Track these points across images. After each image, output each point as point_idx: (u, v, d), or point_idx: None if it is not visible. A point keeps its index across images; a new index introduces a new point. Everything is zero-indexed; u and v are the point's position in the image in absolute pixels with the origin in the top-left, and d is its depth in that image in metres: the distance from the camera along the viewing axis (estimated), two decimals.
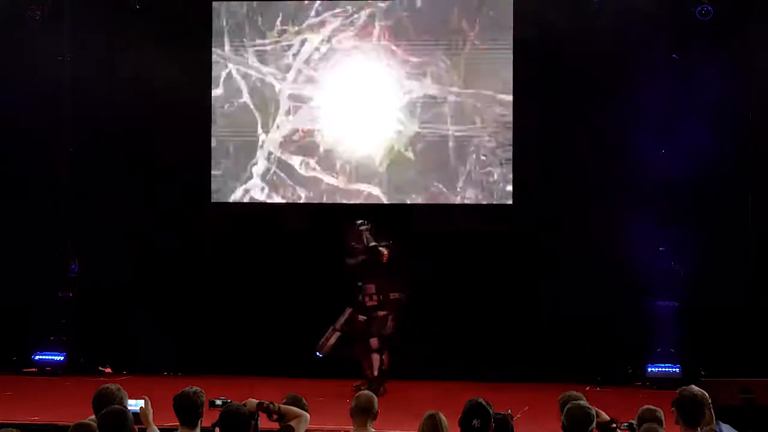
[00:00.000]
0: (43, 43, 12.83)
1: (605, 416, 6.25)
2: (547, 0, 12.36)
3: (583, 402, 5.97)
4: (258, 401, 6.25)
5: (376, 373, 11.41)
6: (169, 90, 12.69)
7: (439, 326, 12.46)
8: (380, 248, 11.34)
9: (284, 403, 6.38)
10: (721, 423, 6.18)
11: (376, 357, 11.42)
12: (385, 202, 12.78)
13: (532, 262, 12.53)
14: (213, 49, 13.08)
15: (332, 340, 11.58)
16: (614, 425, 6.25)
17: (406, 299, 11.56)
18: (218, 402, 6.31)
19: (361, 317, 11.52)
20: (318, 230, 12.76)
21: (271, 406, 6.25)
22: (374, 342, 11.41)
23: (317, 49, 12.95)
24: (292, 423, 6.26)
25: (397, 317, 11.51)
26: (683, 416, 6.11)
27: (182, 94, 12.82)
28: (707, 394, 6.20)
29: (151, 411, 6.26)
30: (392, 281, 11.49)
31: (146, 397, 6.32)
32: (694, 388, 6.23)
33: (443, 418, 5.99)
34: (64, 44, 13.03)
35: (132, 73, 12.76)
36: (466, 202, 12.71)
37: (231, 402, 6.23)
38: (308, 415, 6.39)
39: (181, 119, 12.87)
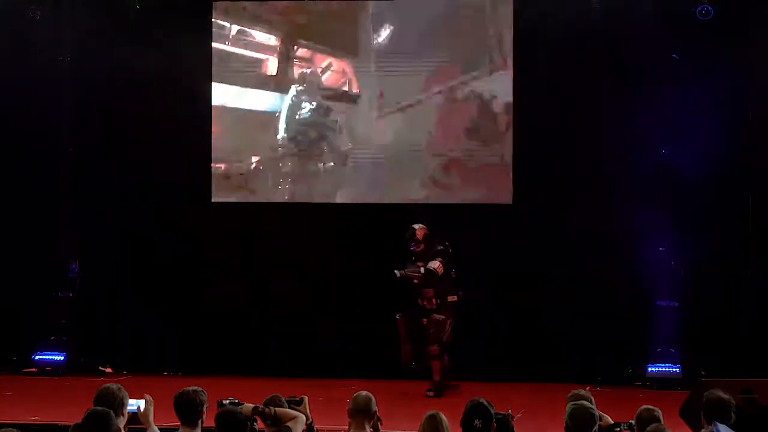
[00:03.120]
0: (43, 44, 12.82)
1: (609, 420, 6.28)
2: (547, 0, 12.37)
3: (587, 402, 5.97)
4: (254, 406, 6.26)
5: (438, 377, 11.36)
6: (169, 90, 12.70)
7: None
8: (432, 269, 11.25)
9: (264, 404, 6.37)
10: (718, 423, 6.21)
11: (436, 363, 11.35)
12: (385, 201, 12.78)
13: (532, 261, 12.52)
14: (213, 49, 13.08)
15: (409, 353, 11.50)
16: (617, 429, 6.28)
17: (462, 297, 11.48)
18: (226, 402, 6.31)
19: (424, 320, 11.45)
20: (318, 230, 12.76)
21: (267, 410, 6.26)
22: (434, 349, 11.33)
23: None
24: (289, 424, 6.27)
25: (455, 320, 11.44)
26: (708, 417, 6.30)
27: (182, 94, 12.82)
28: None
29: (152, 410, 6.24)
30: (448, 283, 11.43)
31: (148, 396, 6.29)
32: (720, 390, 6.41)
33: (444, 417, 5.99)
34: (64, 44, 13.03)
35: (132, 73, 12.75)
36: (466, 202, 12.71)
37: (239, 402, 6.24)
38: (304, 416, 6.39)
39: (181, 119, 12.87)
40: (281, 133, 13.00)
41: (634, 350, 12.19)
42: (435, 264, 11.32)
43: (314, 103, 12.95)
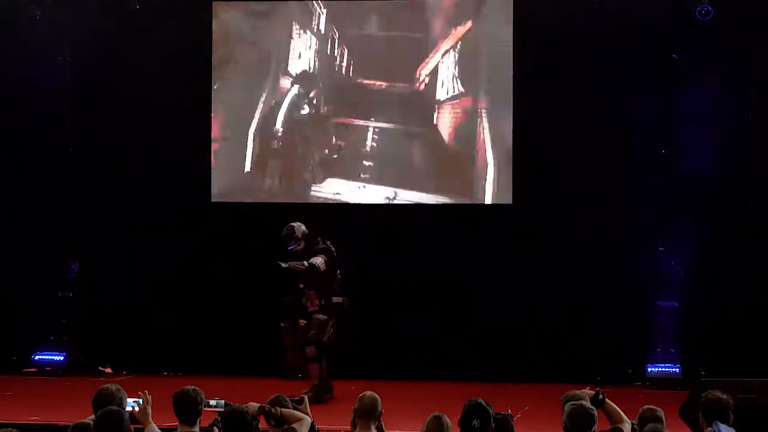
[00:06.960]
0: (43, 44, 12.82)
1: (590, 392, 6.38)
2: (548, 0, 12.37)
3: (586, 402, 5.99)
4: (259, 405, 6.26)
5: (317, 381, 10.95)
6: (169, 90, 12.70)
7: (439, 327, 12.46)
8: (315, 264, 10.85)
9: (268, 403, 6.37)
10: (719, 423, 6.21)
11: (314, 366, 10.96)
12: (385, 201, 12.79)
13: (532, 262, 12.52)
14: (213, 49, 13.09)
15: (296, 361, 11.15)
16: (601, 396, 6.38)
17: (349, 303, 11.16)
18: (212, 402, 6.29)
19: (302, 321, 11.08)
20: (317, 230, 12.75)
21: (273, 410, 6.25)
22: (311, 351, 10.92)
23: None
24: (295, 425, 6.27)
25: (338, 323, 11.04)
26: (707, 417, 6.29)
27: (182, 94, 12.82)
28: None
29: (149, 409, 6.22)
30: (334, 285, 11.08)
31: (144, 393, 6.26)
32: (719, 391, 6.39)
33: (447, 419, 5.98)
34: (64, 44, 13.03)
35: (132, 73, 12.75)
36: (466, 202, 12.71)
37: (226, 403, 6.23)
38: (309, 419, 6.39)
39: (181, 119, 12.87)
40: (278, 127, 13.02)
41: (634, 350, 12.19)
42: (318, 260, 10.88)
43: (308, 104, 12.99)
